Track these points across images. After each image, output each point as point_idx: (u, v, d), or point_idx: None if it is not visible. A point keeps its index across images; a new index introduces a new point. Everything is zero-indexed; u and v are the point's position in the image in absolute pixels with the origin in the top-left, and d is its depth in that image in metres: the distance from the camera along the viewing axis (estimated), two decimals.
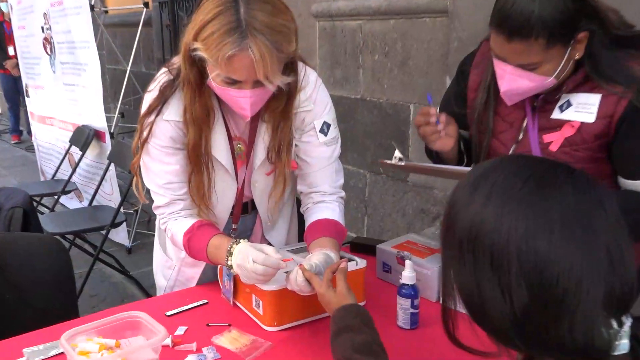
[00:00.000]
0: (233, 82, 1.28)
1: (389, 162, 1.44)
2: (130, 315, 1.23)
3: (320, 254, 1.34)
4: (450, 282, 0.80)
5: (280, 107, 1.42)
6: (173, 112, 1.40)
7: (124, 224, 3.85)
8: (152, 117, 1.40)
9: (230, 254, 1.32)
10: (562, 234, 0.70)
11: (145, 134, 1.41)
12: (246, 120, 1.39)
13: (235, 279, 1.48)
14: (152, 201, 1.51)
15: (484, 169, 0.79)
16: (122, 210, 3.60)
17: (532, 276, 0.70)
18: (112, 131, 4.24)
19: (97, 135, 4.19)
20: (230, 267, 1.32)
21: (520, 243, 0.70)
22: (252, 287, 1.40)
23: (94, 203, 4.17)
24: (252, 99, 1.30)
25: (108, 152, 3.96)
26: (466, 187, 0.78)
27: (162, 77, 1.41)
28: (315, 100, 1.48)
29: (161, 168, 1.45)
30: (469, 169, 1.27)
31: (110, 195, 4.19)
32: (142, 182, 1.48)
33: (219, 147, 1.45)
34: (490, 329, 0.77)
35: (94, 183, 4.26)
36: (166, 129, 1.41)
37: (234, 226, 1.62)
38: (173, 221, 1.49)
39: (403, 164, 1.43)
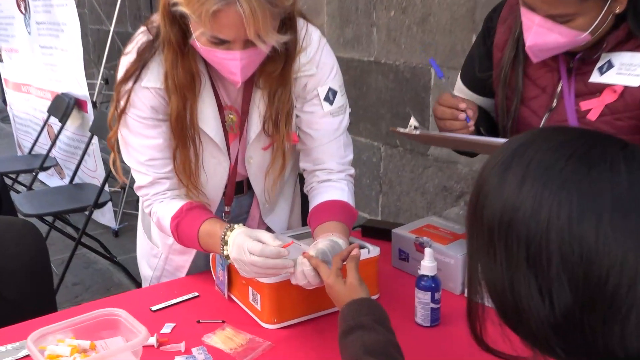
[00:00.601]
0: (220, 42, 1.26)
1: (402, 130, 1.42)
2: (107, 313, 1.22)
3: (326, 240, 1.33)
4: (478, 278, 0.78)
5: (277, 71, 1.39)
6: (153, 77, 1.38)
7: (110, 203, 3.85)
8: (129, 84, 1.38)
9: (225, 242, 1.32)
10: (614, 221, 0.67)
11: (122, 103, 1.39)
12: (237, 86, 1.37)
13: (230, 269, 1.48)
14: (133, 181, 1.50)
15: (517, 144, 0.76)
16: (107, 188, 3.59)
17: (576, 272, 0.68)
18: (94, 100, 4.21)
19: (78, 104, 4.16)
20: (228, 258, 1.32)
21: (563, 232, 0.68)
22: (248, 279, 1.39)
23: (76, 180, 4.17)
24: (243, 61, 1.27)
25: (90, 124, 3.93)
26: (497, 165, 0.75)
27: (140, 37, 1.39)
28: (318, 63, 1.46)
29: (142, 142, 1.43)
30: (501, 140, 1.25)
31: (94, 172, 4.18)
32: (122, 159, 1.47)
33: (207, 118, 1.44)
34: (525, 334, 0.75)
35: (75, 158, 4.25)
36: (146, 97, 1.39)
37: (226, 209, 1.61)
38: (158, 204, 1.49)
39: (418, 132, 1.41)
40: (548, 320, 0.70)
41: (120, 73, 1.39)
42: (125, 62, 1.39)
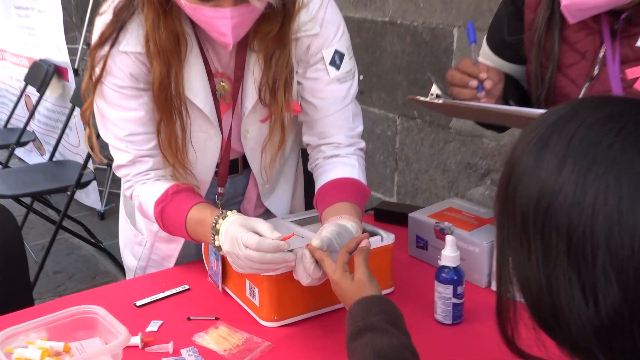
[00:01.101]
0: None
1: (423, 99, 1.41)
2: (83, 311, 1.20)
3: (332, 226, 1.33)
4: (508, 274, 0.78)
5: (274, 31, 1.37)
6: (132, 41, 1.36)
7: (94, 183, 3.85)
8: (105, 49, 1.36)
9: (216, 232, 1.31)
10: None
11: (97, 71, 1.37)
12: (228, 49, 1.35)
13: (224, 258, 1.46)
14: (112, 159, 1.50)
15: (556, 117, 0.75)
16: (91, 165, 3.57)
17: (626, 268, 0.66)
18: (76, 67, 4.19)
19: (59, 72, 4.15)
20: (220, 249, 1.32)
21: (611, 222, 0.67)
22: None
23: (57, 157, 4.18)
24: (235, 20, 1.25)
25: (72, 94, 3.92)
26: (532, 141, 0.75)
27: None
28: (322, 22, 1.44)
29: (120, 115, 1.42)
30: (538, 111, 1.23)
31: (77, 148, 4.18)
32: (98, 134, 1.47)
33: (195, 87, 1.43)
34: (563, 339, 0.74)
35: (56, 132, 4.25)
36: (124, 63, 1.38)
37: (219, 190, 1.61)
38: (140, 186, 1.48)
39: (441, 102, 1.40)
40: (591, 323, 0.69)
41: (94, 36, 1.37)
42: (100, 23, 1.37)
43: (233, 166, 1.61)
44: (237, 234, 1.24)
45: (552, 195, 0.70)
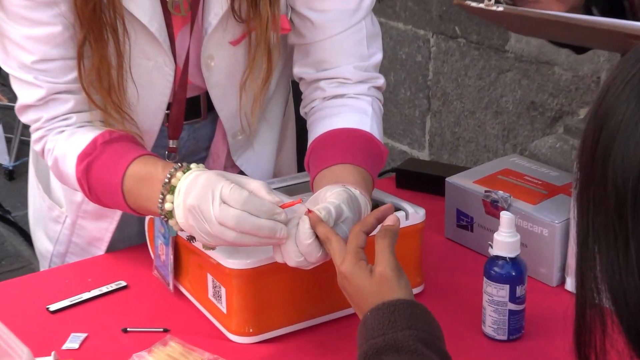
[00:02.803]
0: None
1: (475, 4, 1.42)
2: None
3: (338, 188, 1.33)
4: (595, 278, 0.80)
5: None
6: None
7: None
8: None
9: (170, 190, 1.31)
10: None
11: None
12: None
13: (177, 243, 1.48)
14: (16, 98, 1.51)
15: None
16: None
17: None
18: None
19: None
20: (168, 216, 1.31)
21: None
22: (205, 261, 1.41)
23: None
24: None
25: None
26: (634, 81, 0.76)
27: None
28: None
29: (27, 32, 1.43)
30: None
31: None
32: None
33: None
34: None
35: None
36: None
37: (171, 144, 1.63)
38: (56, 135, 1.49)
39: (501, 9, 1.39)
40: None
41: None
42: None
43: (192, 109, 1.63)
44: (213, 183, 1.25)
45: None
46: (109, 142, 1.45)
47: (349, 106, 1.54)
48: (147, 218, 1.56)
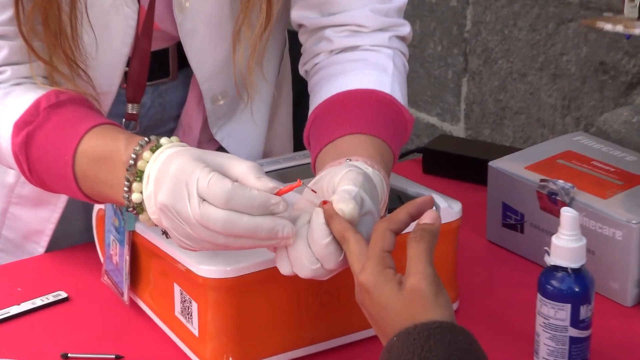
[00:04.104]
0: None
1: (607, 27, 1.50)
2: None
3: (351, 173, 1.31)
4: None
5: None
6: None
7: None
8: None
9: (137, 175, 1.30)
10: None
11: None
12: None
13: (135, 242, 1.49)
14: None
15: None
16: None
17: None
18: None
19: None
20: (138, 210, 1.31)
21: None
22: (172, 267, 1.41)
23: None
24: None
25: None
26: None
27: None
28: None
29: None
30: None
31: None
32: None
33: None
34: None
35: None
36: None
37: (129, 109, 1.64)
38: None
39: None
40: None
41: None
42: None
43: (158, 65, 1.64)
44: (187, 174, 1.23)
45: None
46: (56, 106, 1.44)
47: (363, 61, 1.55)
48: (96, 207, 1.55)
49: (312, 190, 1.29)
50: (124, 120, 1.63)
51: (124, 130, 1.42)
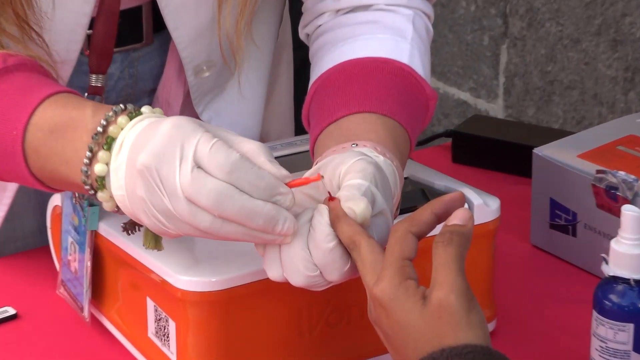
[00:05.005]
0: None
1: None
2: None
3: (360, 163, 1.31)
4: None
5: None
6: None
7: None
8: None
9: (106, 142, 1.29)
10: None
11: None
12: None
13: (99, 246, 1.50)
14: None
15: None
16: None
17: None
18: None
19: None
20: (98, 185, 1.29)
21: None
22: (144, 277, 1.42)
23: None
24: None
25: None
26: None
27: None
28: None
29: None
30: None
31: None
32: None
33: None
34: None
35: None
36: None
37: (93, 80, 1.65)
38: None
39: None
40: None
41: None
42: None
43: (129, 27, 1.67)
44: (185, 134, 1.23)
45: None
46: (3, 72, 1.44)
47: (376, 23, 1.56)
48: (52, 202, 1.56)
49: (320, 175, 1.28)
50: (86, 94, 1.62)
51: (89, 100, 1.42)
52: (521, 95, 3.17)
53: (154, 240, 1.32)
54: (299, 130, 1.77)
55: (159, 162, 1.22)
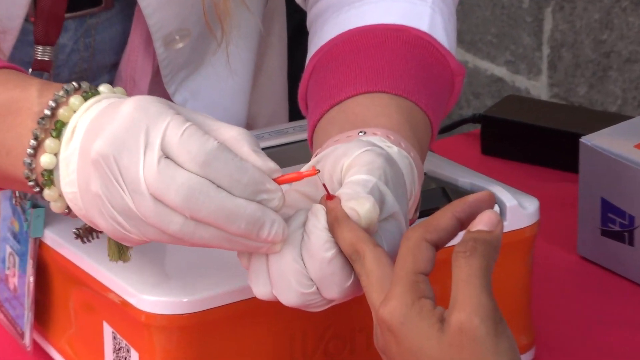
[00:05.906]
0: None
1: None
2: None
3: (367, 155, 1.32)
4: None
5: None
6: None
7: None
8: None
9: (55, 128, 1.31)
10: None
11: None
12: None
13: (43, 257, 1.53)
14: None
15: None
16: None
17: None
18: None
19: None
20: (45, 181, 1.30)
21: None
22: (100, 297, 1.44)
23: None
24: None
25: None
26: None
27: None
28: None
29: None
30: None
31: None
32: None
33: None
34: None
35: None
36: None
37: (39, 54, 1.70)
38: None
39: None
40: None
41: None
42: None
43: None
44: (151, 117, 1.24)
45: None
46: None
47: None
48: None
49: (315, 169, 1.28)
50: (30, 70, 1.65)
51: (35, 77, 1.43)
52: (569, 70, 3.17)
53: (118, 250, 1.30)
54: (295, 114, 1.77)
55: (119, 151, 1.21)
